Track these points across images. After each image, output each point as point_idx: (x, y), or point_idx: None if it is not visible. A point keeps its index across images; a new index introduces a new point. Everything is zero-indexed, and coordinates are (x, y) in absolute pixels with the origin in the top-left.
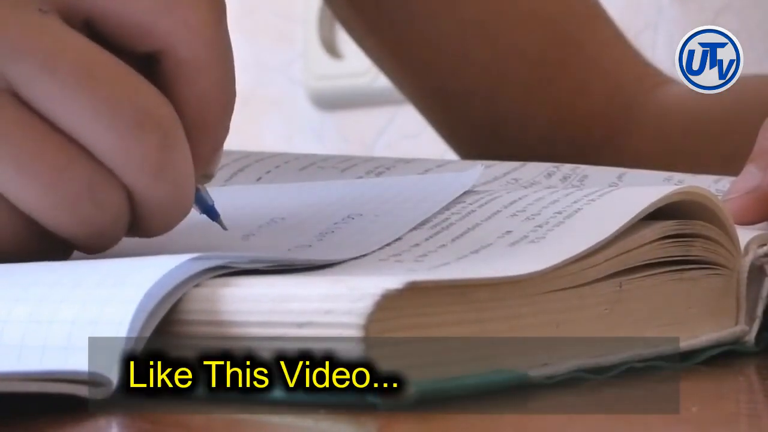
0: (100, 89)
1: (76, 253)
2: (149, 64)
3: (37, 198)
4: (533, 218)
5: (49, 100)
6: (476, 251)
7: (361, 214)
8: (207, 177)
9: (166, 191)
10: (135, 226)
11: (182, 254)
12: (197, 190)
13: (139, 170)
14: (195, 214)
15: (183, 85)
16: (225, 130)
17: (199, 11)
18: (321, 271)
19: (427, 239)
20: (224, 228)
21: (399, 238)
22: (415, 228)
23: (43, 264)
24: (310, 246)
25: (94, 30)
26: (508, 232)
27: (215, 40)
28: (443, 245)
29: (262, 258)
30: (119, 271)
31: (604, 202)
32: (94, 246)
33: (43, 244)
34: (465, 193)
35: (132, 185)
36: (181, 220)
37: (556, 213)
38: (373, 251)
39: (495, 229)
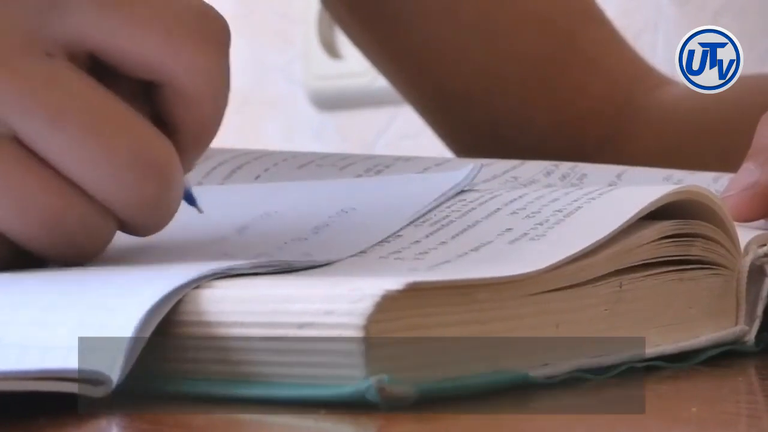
0: (106, 143)
1: None
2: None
3: (33, 236)
4: (533, 216)
5: (54, 153)
6: (476, 249)
7: (355, 208)
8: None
9: (157, 220)
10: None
11: (183, 261)
12: None
13: (136, 210)
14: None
15: (180, 112)
16: (212, 139)
17: (207, 54)
18: (321, 270)
19: (427, 236)
20: (200, 211)
21: (399, 235)
22: (415, 225)
23: (45, 270)
24: (306, 239)
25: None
26: (508, 229)
27: (217, 78)
28: (443, 242)
29: (263, 263)
30: (120, 277)
31: (604, 201)
32: (77, 262)
33: (20, 260)
34: (465, 191)
35: (126, 219)
36: (167, 223)
37: (556, 211)
38: (372, 247)
39: (495, 226)
